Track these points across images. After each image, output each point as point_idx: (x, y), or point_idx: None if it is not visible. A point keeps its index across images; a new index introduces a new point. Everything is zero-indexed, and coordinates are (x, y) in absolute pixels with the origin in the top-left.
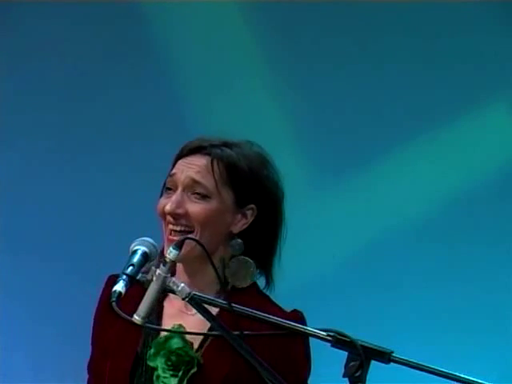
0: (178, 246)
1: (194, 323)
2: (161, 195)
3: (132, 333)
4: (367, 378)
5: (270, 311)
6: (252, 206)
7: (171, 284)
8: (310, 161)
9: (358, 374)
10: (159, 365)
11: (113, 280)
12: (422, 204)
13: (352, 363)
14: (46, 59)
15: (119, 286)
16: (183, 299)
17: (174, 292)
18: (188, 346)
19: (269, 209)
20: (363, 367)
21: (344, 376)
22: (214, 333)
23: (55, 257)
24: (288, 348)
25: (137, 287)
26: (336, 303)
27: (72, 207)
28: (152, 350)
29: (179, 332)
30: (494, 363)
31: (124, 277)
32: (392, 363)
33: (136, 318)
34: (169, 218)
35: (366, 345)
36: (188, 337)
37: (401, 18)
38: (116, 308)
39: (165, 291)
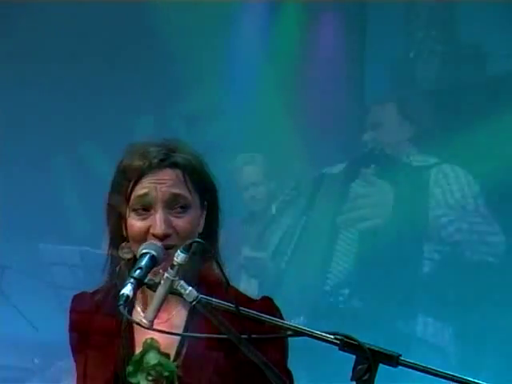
0: (186, 249)
1: (168, 330)
2: (119, 217)
3: (108, 352)
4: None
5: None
6: (206, 202)
7: (179, 287)
8: (325, 162)
9: (365, 378)
10: (140, 380)
11: (79, 299)
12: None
13: (360, 366)
14: (51, 59)
15: (127, 290)
16: (191, 303)
17: (181, 295)
18: (164, 358)
19: (215, 198)
20: (371, 370)
21: (352, 379)
22: (221, 335)
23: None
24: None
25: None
26: (354, 305)
27: (76, 204)
28: (130, 368)
29: (187, 335)
30: None
31: (132, 280)
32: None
33: (144, 321)
34: (154, 238)
35: (374, 348)
36: (164, 347)
37: (416, 19)
38: (124, 311)
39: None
